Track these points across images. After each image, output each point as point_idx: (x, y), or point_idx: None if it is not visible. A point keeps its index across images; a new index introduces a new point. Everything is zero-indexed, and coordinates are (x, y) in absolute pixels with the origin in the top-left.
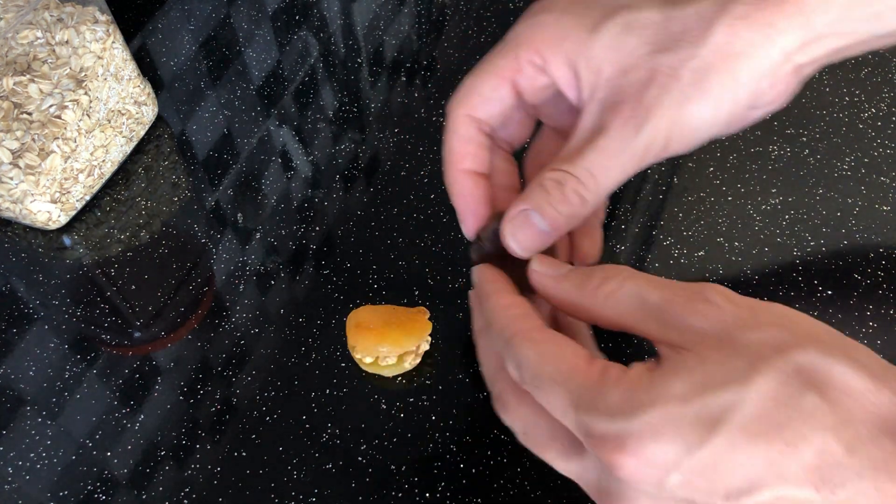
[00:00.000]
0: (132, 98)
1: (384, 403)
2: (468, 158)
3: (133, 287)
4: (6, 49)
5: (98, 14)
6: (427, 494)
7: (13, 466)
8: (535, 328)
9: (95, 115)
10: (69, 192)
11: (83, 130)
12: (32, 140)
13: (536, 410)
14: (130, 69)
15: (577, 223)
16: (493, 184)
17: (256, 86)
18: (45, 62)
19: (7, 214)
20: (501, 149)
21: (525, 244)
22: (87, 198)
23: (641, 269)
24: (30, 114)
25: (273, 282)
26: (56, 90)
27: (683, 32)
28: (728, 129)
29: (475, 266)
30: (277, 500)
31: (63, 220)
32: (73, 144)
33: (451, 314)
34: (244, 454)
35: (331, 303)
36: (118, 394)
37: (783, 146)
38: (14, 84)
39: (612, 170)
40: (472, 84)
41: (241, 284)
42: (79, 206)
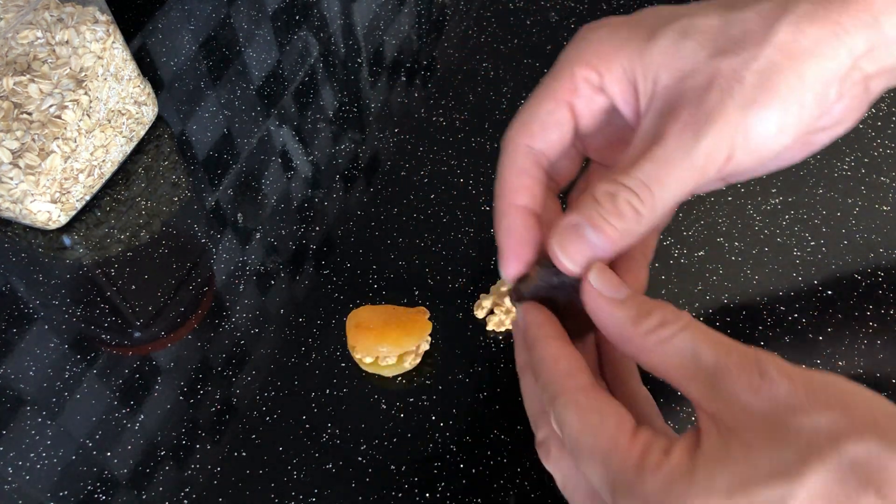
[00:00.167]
0: (132, 98)
1: (384, 403)
2: (522, 193)
3: (133, 287)
4: (6, 49)
5: (98, 14)
6: (427, 494)
7: (13, 466)
8: (582, 389)
9: (95, 115)
10: (69, 192)
11: (83, 130)
12: (32, 140)
13: (577, 468)
14: (130, 69)
15: (633, 241)
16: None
17: (256, 86)
18: (45, 62)
19: (7, 214)
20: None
21: (576, 258)
22: (87, 198)
23: None
24: (30, 114)
25: (273, 282)
26: (56, 90)
27: (744, 34)
28: (794, 150)
29: (521, 304)
30: (277, 500)
31: (63, 220)
32: (73, 144)
33: (451, 314)
34: (244, 454)
35: (331, 303)
36: (118, 394)
37: None
38: (14, 84)
39: (670, 182)
40: (529, 110)
41: (241, 284)
42: (79, 206)
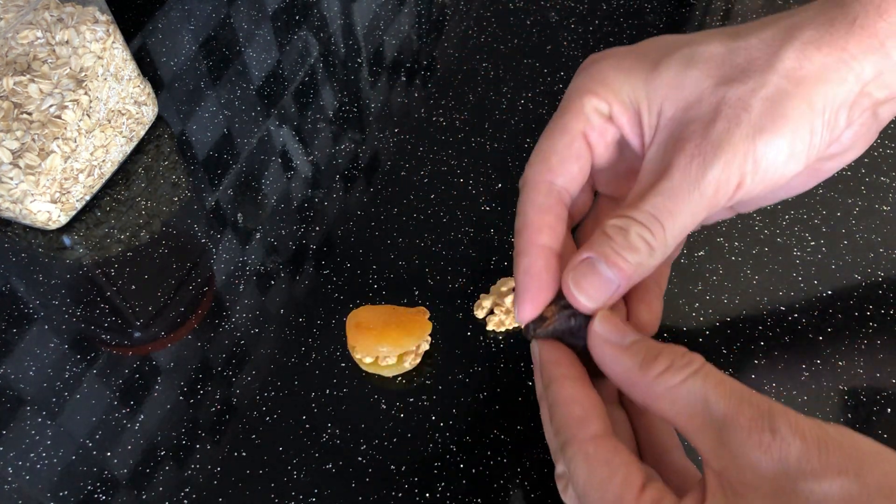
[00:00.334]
0: (132, 98)
1: (384, 403)
2: (545, 232)
3: (133, 287)
4: (6, 49)
5: (98, 14)
6: (427, 494)
7: (13, 466)
8: (592, 438)
9: (95, 115)
10: (69, 192)
11: (83, 130)
12: (32, 140)
13: None
14: (130, 69)
15: (647, 273)
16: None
17: (256, 86)
18: (45, 62)
19: (7, 214)
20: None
21: (592, 294)
22: (87, 198)
23: None
24: (30, 114)
25: (273, 282)
26: (56, 90)
27: (750, 62)
28: (804, 177)
29: (536, 341)
30: (277, 500)
31: (63, 220)
32: (73, 144)
33: (451, 314)
34: (244, 454)
35: (331, 303)
36: (118, 394)
37: None
38: (14, 84)
39: (680, 214)
40: (546, 145)
41: (241, 284)
42: (79, 206)
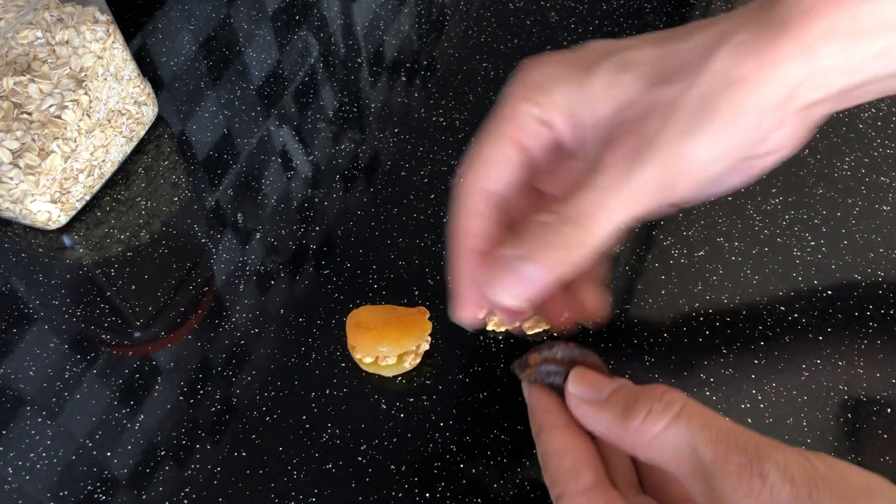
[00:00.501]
0: (132, 98)
1: (384, 403)
2: (478, 237)
3: (133, 287)
4: (6, 49)
5: (98, 14)
6: (427, 494)
7: (13, 466)
8: (584, 491)
9: (95, 115)
10: (69, 192)
11: (83, 130)
12: (32, 140)
13: None
14: (130, 69)
15: (574, 269)
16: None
17: (256, 86)
18: (45, 62)
19: (7, 214)
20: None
21: (514, 293)
22: (87, 198)
23: (641, 270)
24: (30, 114)
25: (273, 282)
26: (56, 90)
27: (682, 64)
28: (735, 175)
29: (526, 386)
30: (277, 500)
31: (63, 220)
32: (73, 144)
33: None
34: (244, 454)
35: (331, 303)
36: (118, 394)
37: None
38: (14, 84)
39: (610, 210)
40: (479, 152)
41: (241, 284)
42: (79, 206)
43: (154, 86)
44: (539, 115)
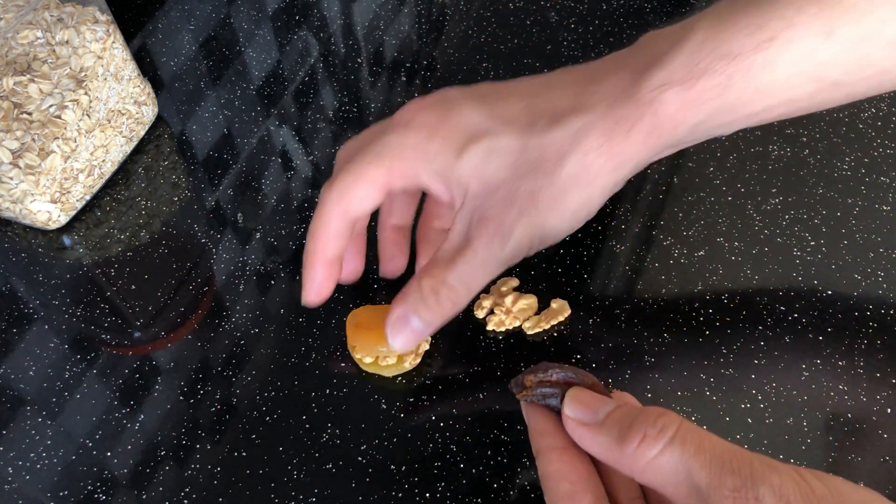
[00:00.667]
0: (132, 98)
1: (384, 403)
2: (330, 249)
3: (133, 287)
4: (6, 49)
5: (98, 14)
6: (427, 494)
7: (13, 466)
8: None
9: (95, 115)
10: (69, 192)
11: (83, 130)
12: (32, 140)
13: None
14: (130, 69)
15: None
16: (383, 253)
17: (256, 86)
18: (45, 62)
19: (7, 214)
20: (392, 227)
21: (404, 342)
22: (87, 198)
23: (641, 270)
24: (30, 114)
25: (273, 282)
26: (56, 90)
27: (540, 161)
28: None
29: (524, 406)
30: (277, 500)
31: (63, 220)
32: (73, 144)
33: None
34: (244, 454)
35: (331, 303)
36: (118, 394)
37: (783, 146)
38: (14, 84)
39: (481, 277)
40: (348, 186)
41: (241, 284)
42: (79, 206)
43: (154, 86)
44: (412, 177)
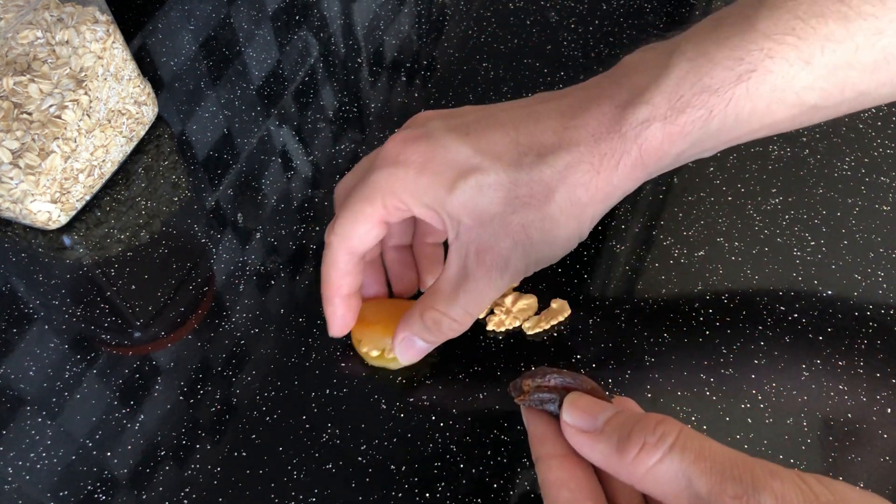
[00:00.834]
0: (132, 98)
1: (384, 403)
2: (344, 286)
3: (133, 287)
4: (6, 49)
5: (98, 14)
6: (427, 494)
7: (13, 466)
8: None
9: (95, 115)
10: (69, 192)
11: (83, 130)
12: (32, 140)
13: None
14: (130, 69)
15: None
16: (392, 274)
17: (256, 86)
18: (45, 62)
19: (7, 214)
20: (394, 248)
21: (409, 356)
22: (87, 198)
23: (641, 270)
24: (30, 114)
25: (273, 282)
26: (56, 90)
27: (530, 196)
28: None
29: (524, 410)
30: (277, 500)
31: (63, 220)
32: (73, 144)
33: None
34: (244, 454)
35: None
36: (118, 394)
37: (783, 146)
38: (14, 84)
39: (481, 304)
40: (348, 227)
41: (241, 284)
42: (79, 206)
43: (154, 86)
44: (405, 210)
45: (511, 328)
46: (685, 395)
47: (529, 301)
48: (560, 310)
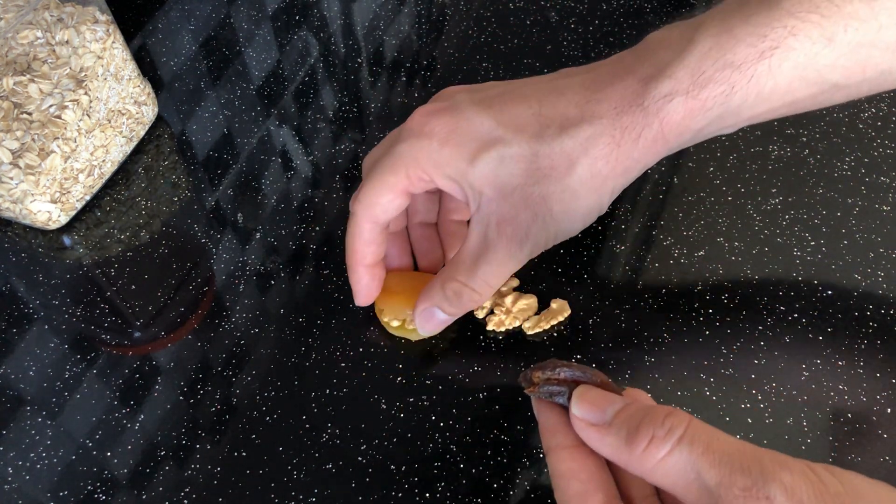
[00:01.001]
0: (132, 98)
1: (384, 403)
2: (368, 256)
3: (133, 287)
4: (6, 49)
5: (98, 14)
6: (427, 494)
7: (13, 466)
8: None
9: (95, 115)
10: (69, 192)
11: (83, 130)
12: (32, 140)
13: None
14: (130, 69)
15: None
16: (417, 251)
17: (256, 86)
18: (45, 62)
19: (7, 214)
20: (420, 224)
21: (429, 328)
22: (87, 198)
23: (641, 270)
24: (30, 114)
25: (273, 282)
26: (56, 90)
27: (551, 167)
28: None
29: (535, 401)
30: (277, 500)
31: (63, 220)
32: (73, 144)
33: None
34: (244, 454)
35: (331, 303)
36: (118, 394)
37: (783, 146)
38: (14, 84)
39: (501, 275)
40: (372, 196)
41: (241, 284)
42: (79, 206)
43: (154, 86)
44: (428, 181)
45: (511, 328)
46: (685, 395)
47: (529, 301)
48: (560, 310)
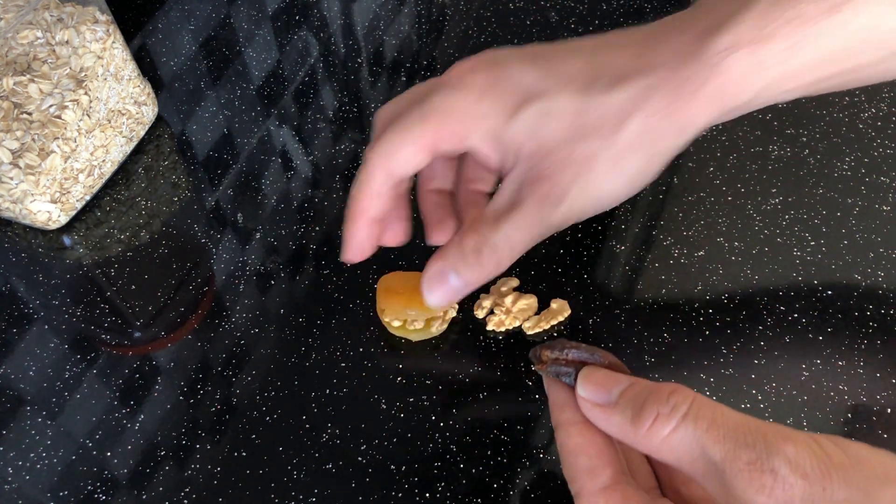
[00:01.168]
0: (132, 98)
1: (384, 403)
2: (372, 208)
3: (133, 287)
4: (6, 49)
5: (98, 14)
6: (427, 494)
7: (13, 466)
8: (602, 490)
9: (95, 115)
10: (69, 192)
11: (83, 130)
12: (32, 140)
13: None
14: (130, 69)
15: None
16: (430, 220)
17: (256, 86)
18: (45, 62)
19: (7, 214)
20: (434, 191)
21: (439, 298)
22: (87, 198)
23: (641, 270)
24: (30, 114)
25: (273, 282)
26: (56, 90)
27: (600, 123)
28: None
29: (545, 378)
30: (277, 500)
31: (63, 220)
32: (73, 144)
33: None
34: (244, 454)
35: (331, 303)
36: (118, 394)
37: (783, 146)
38: (14, 84)
39: (527, 239)
40: (393, 145)
41: (241, 284)
42: (79, 206)
43: (154, 86)
44: (461, 137)
45: (511, 328)
46: None
47: (529, 301)
48: (560, 310)
